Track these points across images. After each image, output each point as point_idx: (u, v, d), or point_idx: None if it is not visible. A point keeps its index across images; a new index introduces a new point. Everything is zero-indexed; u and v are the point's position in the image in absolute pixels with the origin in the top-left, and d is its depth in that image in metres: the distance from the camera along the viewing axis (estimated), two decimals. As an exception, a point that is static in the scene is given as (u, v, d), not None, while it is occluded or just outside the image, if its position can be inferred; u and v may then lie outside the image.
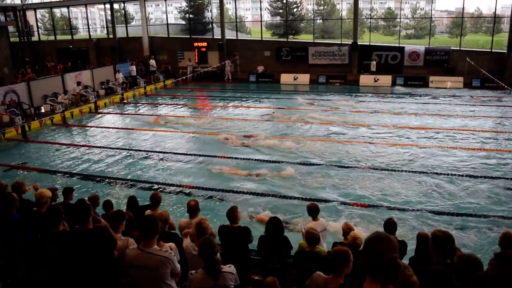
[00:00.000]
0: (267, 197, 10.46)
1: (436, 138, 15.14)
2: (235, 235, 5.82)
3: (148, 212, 6.23)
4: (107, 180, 12.20)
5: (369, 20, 33.50)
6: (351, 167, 12.34)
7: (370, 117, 18.20)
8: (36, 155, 15.00)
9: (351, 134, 15.80)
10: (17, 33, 31.54)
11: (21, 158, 14.70)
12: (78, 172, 12.99)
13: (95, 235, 4.40)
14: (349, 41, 27.86)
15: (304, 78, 27.36)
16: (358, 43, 27.23)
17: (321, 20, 38.08)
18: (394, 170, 11.96)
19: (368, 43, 28.55)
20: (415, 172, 11.86)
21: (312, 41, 29.53)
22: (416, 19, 41.14)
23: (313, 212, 6.53)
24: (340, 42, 28.60)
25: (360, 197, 10.34)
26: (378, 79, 25.84)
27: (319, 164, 12.56)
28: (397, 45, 27.93)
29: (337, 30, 34.43)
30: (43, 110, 21.10)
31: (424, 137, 15.23)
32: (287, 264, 5.87)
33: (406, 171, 11.92)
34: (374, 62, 26.63)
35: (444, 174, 11.59)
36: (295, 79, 27.50)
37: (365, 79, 26.15)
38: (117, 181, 12.11)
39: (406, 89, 24.59)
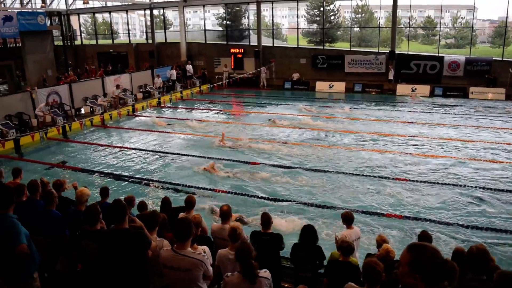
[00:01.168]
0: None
1: (474, 150, 14.72)
2: (267, 242, 5.81)
3: (182, 214, 6.31)
4: (142, 181, 12.47)
5: (408, 28, 33.02)
6: (385, 177, 12.16)
7: (406, 128, 17.87)
8: (75, 155, 15.48)
9: (383, 144, 15.59)
10: (61, 37, 32.63)
11: (61, 157, 15.21)
12: (114, 172, 13.34)
13: (130, 235, 4.50)
14: (387, 50, 27.49)
15: (340, 86, 27.15)
16: (396, 52, 26.83)
17: (358, 28, 37.81)
18: (428, 182, 11.70)
19: (406, 52, 28.11)
20: (449, 184, 11.56)
21: (349, 49, 29.31)
22: (456, 28, 40.26)
23: (348, 219, 6.46)
24: (377, 51, 28.25)
25: (395, 207, 10.18)
26: (415, 89, 25.36)
27: (353, 174, 12.45)
28: (436, 54, 27.36)
29: (374, 38, 34.12)
30: (83, 112, 21.78)
31: (461, 149, 14.82)
32: (319, 273, 5.82)
33: (439, 183, 11.63)
34: (392, 71, 26.47)
35: (481, 187, 11.27)
36: (330, 87, 27.33)
37: (402, 89, 25.72)
38: (151, 182, 12.34)
39: (445, 100, 23.99)
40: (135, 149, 15.81)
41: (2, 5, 34.75)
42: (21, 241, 4.58)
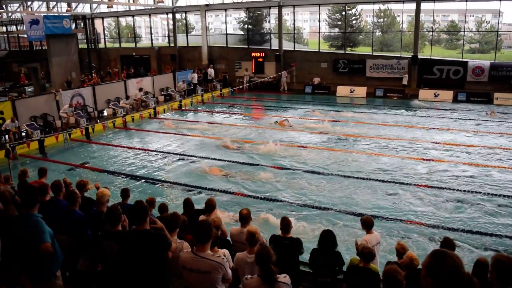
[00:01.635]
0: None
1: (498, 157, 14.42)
2: (286, 246, 5.79)
3: (202, 217, 6.34)
4: (163, 183, 12.60)
5: (431, 33, 32.63)
6: (407, 184, 12.02)
7: (427, 134, 17.64)
8: (97, 156, 15.74)
9: (405, 149, 15.40)
10: (85, 40, 33.22)
11: (83, 158, 15.47)
12: (135, 173, 13.51)
13: (151, 236, 4.55)
14: (409, 55, 27.19)
15: (361, 91, 26.95)
16: (419, 57, 26.52)
17: (380, 33, 37.51)
18: (449, 189, 11.52)
19: (429, 57, 27.76)
20: (471, 192, 11.35)
21: (371, 53, 29.08)
22: (481, 32, 39.58)
23: (368, 224, 6.42)
24: (399, 55, 27.97)
25: (417, 215, 10.05)
26: (438, 94, 25.00)
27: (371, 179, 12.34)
28: (460, 59, 26.93)
29: (396, 43, 33.81)
30: (105, 114, 22.12)
31: (485, 156, 14.54)
32: (338, 279, 5.78)
33: (460, 190, 11.44)
34: (406, 76, 26.26)
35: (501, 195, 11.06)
36: (351, 92, 27.14)
37: (425, 94, 25.37)
38: (172, 184, 12.45)
39: (468, 105, 23.55)
40: (156, 151, 15.98)
41: (29, 9, 35.61)
42: (45, 240, 4.67)
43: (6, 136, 16.92)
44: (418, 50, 26.88)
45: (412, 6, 26.53)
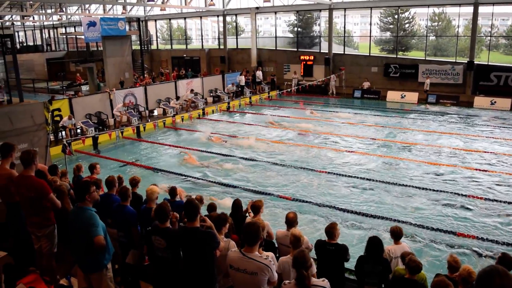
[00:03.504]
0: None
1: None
2: (332, 252, 5.70)
3: (248, 219, 6.37)
4: (211, 183, 12.77)
5: (488, 37, 31.32)
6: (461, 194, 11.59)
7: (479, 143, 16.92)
8: (147, 154, 16.15)
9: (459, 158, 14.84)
10: (138, 42, 34.23)
11: (134, 155, 15.93)
12: (183, 173, 13.74)
13: (200, 234, 4.61)
14: (464, 60, 26.21)
15: (412, 96, 26.19)
16: (475, 62, 25.51)
17: (434, 37, 36.39)
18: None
19: (486, 63, 26.64)
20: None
21: (423, 58, 28.25)
22: (544, 38, 37.61)
23: (396, 235, 6.21)
24: (454, 61, 27.02)
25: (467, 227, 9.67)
26: (495, 102, 23.93)
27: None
28: (520, 65, 25.67)
29: (451, 47, 32.71)
30: (156, 113, 22.68)
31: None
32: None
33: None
34: (428, 81, 25.53)
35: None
36: (402, 97, 26.44)
37: (480, 101, 24.34)
38: (219, 185, 12.60)
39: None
40: (204, 151, 16.19)
41: (87, 12, 37.13)
42: (98, 233, 4.83)
43: (63, 132, 17.71)
44: (474, 55, 25.86)
45: (469, 9, 25.55)
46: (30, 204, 5.70)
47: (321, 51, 31.19)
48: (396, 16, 32.77)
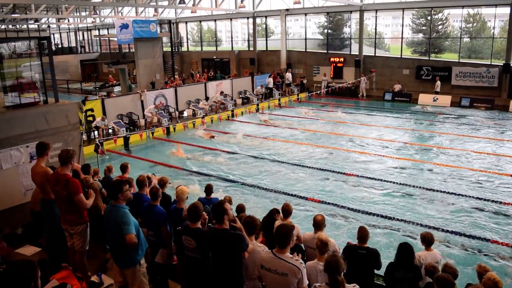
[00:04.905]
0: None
1: None
2: (363, 256, 5.63)
3: (278, 222, 6.33)
4: (241, 184, 12.84)
5: (526, 39, 30.34)
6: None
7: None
8: (177, 155, 16.30)
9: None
10: (169, 43, 34.68)
11: (164, 156, 16.13)
12: (210, 173, 13.87)
13: (230, 235, 4.64)
14: (500, 62, 25.47)
15: (445, 99, 25.57)
16: (511, 65, 24.75)
17: (468, 39, 35.49)
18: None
19: (523, 65, 25.80)
20: None
21: (457, 60, 27.60)
22: None
23: (427, 241, 6.04)
24: (489, 63, 26.29)
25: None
26: (532, 106, 23.16)
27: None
28: (559, 68, 24.74)
29: (486, 49, 31.81)
30: (185, 114, 22.91)
31: None
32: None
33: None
34: (438, 83, 25.11)
35: None
36: (434, 100, 25.86)
37: (517, 105, 23.61)
38: (249, 186, 12.64)
39: None
40: (232, 152, 16.26)
41: (120, 14, 37.87)
42: (130, 231, 4.92)
43: (96, 132, 18.11)
44: (511, 57, 25.09)
45: (506, 10, 24.85)
46: (64, 201, 5.85)
47: (352, 53, 30.88)
48: (429, 17, 32.14)
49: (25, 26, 43.37)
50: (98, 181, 8.20)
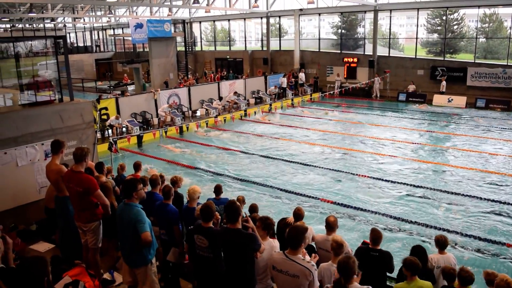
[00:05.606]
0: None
1: None
2: (375, 258, 5.57)
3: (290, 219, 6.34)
4: (255, 184, 12.85)
5: (544, 40, 29.86)
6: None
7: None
8: (189, 153, 16.37)
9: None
10: (183, 43, 34.83)
11: (176, 155, 16.20)
12: (222, 172, 13.92)
13: (242, 235, 4.64)
14: (517, 63, 25.13)
15: (460, 100, 25.27)
16: (528, 65, 24.39)
17: (484, 39, 35.04)
18: None
19: (541, 66, 25.40)
20: None
21: (473, 61, 27.27)
22: None
23: (440, 244, 5.95)
24: (505, 64, 25.93)
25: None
26: (550, 107, 22.79)
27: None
28: None
29: (502, 50, 31.36)
30: (198, 114, 22.98)
31: None
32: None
33: None
34: (444, 83, 24.96)
35: None
36: (449, 101, 25.58)
37: (534, 106, 23.25)
38: (261, 186, 12.64)
39: None
40: (245, 152, 16.29)
41: (135, 14, 38.14)
42: (145, 230, 4.95)
43: (110, 130, 18.25)
44: (528, 58, 24.73)
45: (523, 10, 24.50)
46: (79, 199, 5.90)
47: (365, 53, 30.69)
48: (444, 17, 31.80)
49: (41, 25, 43.88)
50: (111, 179, 8.28)
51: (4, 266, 3.54)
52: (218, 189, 7.23)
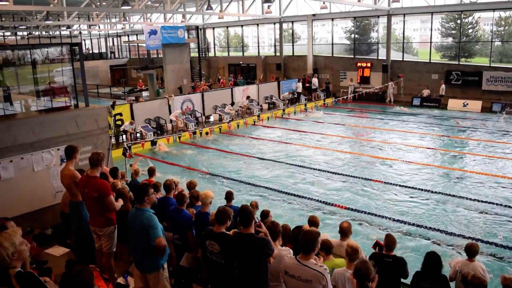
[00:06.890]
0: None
1: None
2: (389, 264, 5.52)
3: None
4: (268, 190, 12.82)
5: (561, 43, 29.44)
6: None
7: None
8: (202, 159, 16.44)
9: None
10: (196, 49, 35.05)
11: (190, 160, 16.29)
12: (235, 178, 13.95)
13: (255, 240, 4.62)
14: (534, 67, 24.76)
15: (475, 105, 24.95)
16: (545, 69, 24.02)
17: (500, 42, 34.63)
18: None
19: (558, 70, 25.02)
20: None
21: (488, 65, 26.97)
22: None
23: (470, 252, 5.80)
24: (521, 67, 25.59)
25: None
26: None
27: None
28: None
29: (519, 53, 31.00)
30: (212, 119, 23.08)
31: None
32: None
33: None
34: (443, 86, 25.12)
35: None
36: (464, 106, 25.27)
37: (551, 111, 22.85)
38: (274, 192, 12.62)
39: None
40: (258, 158, 16.29)
41: (149, 20, 38.51)
42: (159, 235, 4.98)
43: (124, 136, 18.41)
44: (544, 61, 24.35)
45: (540, 13, 24.17)
46: (94, 203, 5.96)
47: (379, 57, 30.54)
48: (458, 21, 31.53)
49: (57, 32, 44.56)
50: (125, 184, 8.35)
51: (22, 270, 3.58)
52: (229, 196, 7.23)
